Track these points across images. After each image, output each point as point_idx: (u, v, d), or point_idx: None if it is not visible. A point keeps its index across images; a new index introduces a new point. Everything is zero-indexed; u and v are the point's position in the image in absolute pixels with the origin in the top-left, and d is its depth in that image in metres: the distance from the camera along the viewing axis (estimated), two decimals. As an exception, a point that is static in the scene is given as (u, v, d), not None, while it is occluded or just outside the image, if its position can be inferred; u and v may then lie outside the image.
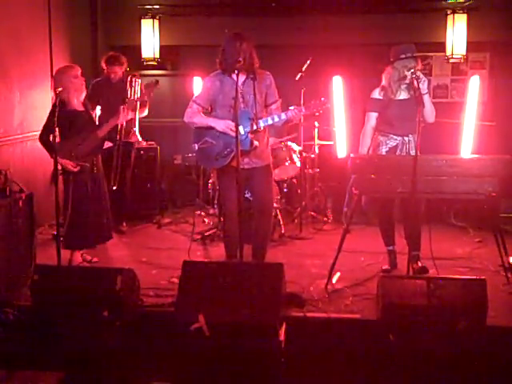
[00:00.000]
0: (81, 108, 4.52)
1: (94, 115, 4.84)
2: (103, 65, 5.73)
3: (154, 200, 6.42)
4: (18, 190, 4.34)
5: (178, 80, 7.21)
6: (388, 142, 4.30)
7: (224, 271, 3.62)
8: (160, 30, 6.90)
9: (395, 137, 4.28)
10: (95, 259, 4.73)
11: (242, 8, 6.82)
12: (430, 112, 4.19)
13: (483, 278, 3.52)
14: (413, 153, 4.13)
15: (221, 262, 4.36)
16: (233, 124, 3.86)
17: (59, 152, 4.38)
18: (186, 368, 3.36)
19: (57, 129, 4.38)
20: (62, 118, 4.31)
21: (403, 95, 4.26)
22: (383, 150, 4.29)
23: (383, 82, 4.31)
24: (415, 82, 3.96)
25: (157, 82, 5.40)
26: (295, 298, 3.84)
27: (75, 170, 4.40)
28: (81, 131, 4.45)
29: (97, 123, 4.76)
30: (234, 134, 3.80)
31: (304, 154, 5.86)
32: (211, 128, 4.12)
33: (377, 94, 4.31)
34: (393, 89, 4.24)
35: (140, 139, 5.87)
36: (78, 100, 4.48)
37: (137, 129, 5.74)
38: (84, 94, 4.58)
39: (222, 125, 4.06)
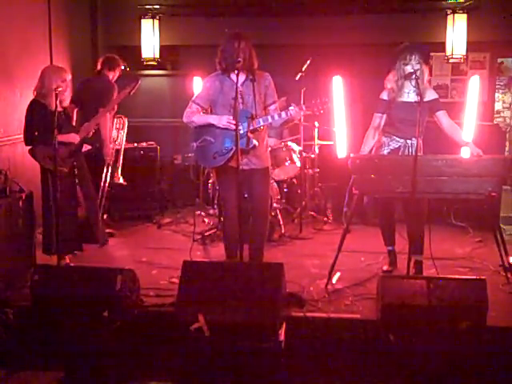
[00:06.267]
0: (59, 109, 4.45)
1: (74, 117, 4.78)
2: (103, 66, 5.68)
3: (154, 200, 6.43)
4: (18, 189, 4.34)
5: (178, 80, 7.20)
6: (390, 143, 4.28)
7: (224, 271, 3.62)
8: (160, 30, 6.90)
9: (398, 139, 4.26)
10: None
11: (242, 8, 6.81)
12: (452, 130, 4.23)
13: (483, 277, 3.52)
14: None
15: (221, 261, 4.36)
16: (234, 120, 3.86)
17: (35, 154, 4.42)
18: (185, 368, 3.36)
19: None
20: (43, 119, 4.33)
21: (411, 97, 4.22)
22: (385, 152, 4.28)
23: (388, 85, 4.30)
24: (414, 82, 3.96)
25: (136, 78, 4.98)
26: (295, 298, 3.84)
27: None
28: (58, 133, 4.29)
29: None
30: (234, 129, 3.80)
31: (304, 154, 5.86)
32: (211, 126, 4.12)
33: (384, 94, 4.30)
34: (395, 89, 4.23)
35: (121, 180, 5.78)
36: (59, 102, 4.36)
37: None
38: (69, 99, 4.58)
39: (224, 120, 4.04)
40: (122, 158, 5.76)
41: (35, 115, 4.44)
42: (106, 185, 5.64)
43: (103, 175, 5.57)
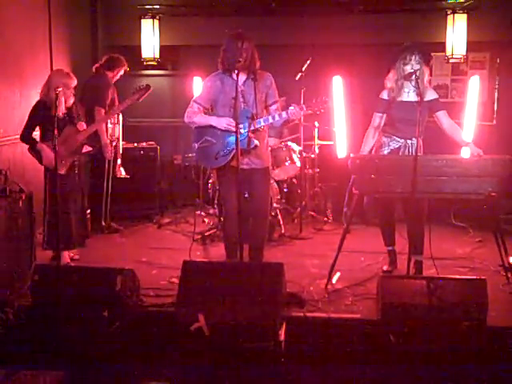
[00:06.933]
0: (63, 111, 4.52)
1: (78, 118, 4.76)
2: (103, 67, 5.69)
3: (154, 200, 6.43)
4: (18, 189, 4.34)
5: (178, 80, 7.21)
6: (390, 143, 4.28)
7: (224, 271, 3.63)
8: (160, 30, 6.90)
9: (398, 139, 4.26)
10: None
11: (242, 8, 6.82)
12: (452, 130, 4.23)
13: (483, 278, 3.52)
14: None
15: (221, 262, 4.36)
16: (234, 121, 3.86)
17: (37, 153, 4.44)
18: (186, 368, 3.36)
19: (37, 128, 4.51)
20: (45, 119, 4.36)
21: (411, 97, 4.21)
22: (385, 152, 4.28)
23: (388, 84, 4.29)
24: (414, 82, 3.96)
25: (148, 86, 4.85)
26: (295, 298, 3.84)
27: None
28: (59, 134, 4.30)
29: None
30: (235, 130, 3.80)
31: (304, 154, 5.86)
32: (212, 127, 4.12)
33: (384, 94, 4.30)
34: (394, 88, 4.23)
35: (123, 174, 5.79)
36: (63, 106, 4.48)
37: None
38: (72, 99, 4.60)
39: (224, 122, 4.05)
40: (120, 152, 5.74)
41: (38, 115, 4.51)
42: (110, 182, 5.68)
43: (106, 173, 5.60)
